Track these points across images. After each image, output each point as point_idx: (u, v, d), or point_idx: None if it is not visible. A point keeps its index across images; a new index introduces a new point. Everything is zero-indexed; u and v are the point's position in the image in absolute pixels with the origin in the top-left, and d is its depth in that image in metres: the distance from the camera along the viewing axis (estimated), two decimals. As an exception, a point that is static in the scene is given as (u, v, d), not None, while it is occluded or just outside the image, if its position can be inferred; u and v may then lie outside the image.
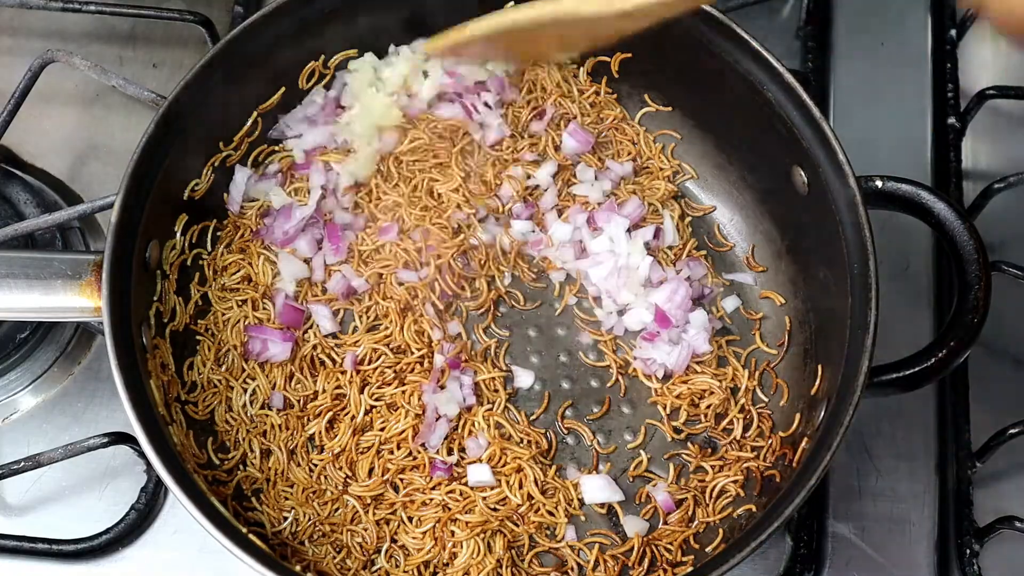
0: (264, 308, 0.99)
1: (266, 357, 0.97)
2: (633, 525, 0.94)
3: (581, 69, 1.07)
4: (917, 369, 0.87)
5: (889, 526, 1.00)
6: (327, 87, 1.04)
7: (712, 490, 0.95)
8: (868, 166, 0.90)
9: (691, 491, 0.95)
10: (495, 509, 0.93)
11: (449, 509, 0.93)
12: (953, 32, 1.18)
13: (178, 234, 0.97)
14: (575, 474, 0.97)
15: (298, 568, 0.84)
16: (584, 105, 1.07)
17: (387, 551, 0.93)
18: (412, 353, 0.98)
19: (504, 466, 0.95)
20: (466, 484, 0.94)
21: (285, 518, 0.93)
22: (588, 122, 1.07)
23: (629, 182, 1.07)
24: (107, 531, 0.98)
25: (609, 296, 1.02)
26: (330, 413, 0.96)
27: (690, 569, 0.86)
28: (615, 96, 1.08)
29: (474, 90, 1.04)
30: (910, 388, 0.88)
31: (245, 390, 0.97)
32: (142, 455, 0.98)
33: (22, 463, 0.97)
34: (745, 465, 0.95)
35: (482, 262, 1.02)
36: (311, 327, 0.99)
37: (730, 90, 0.96)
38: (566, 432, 0.99)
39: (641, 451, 0.98)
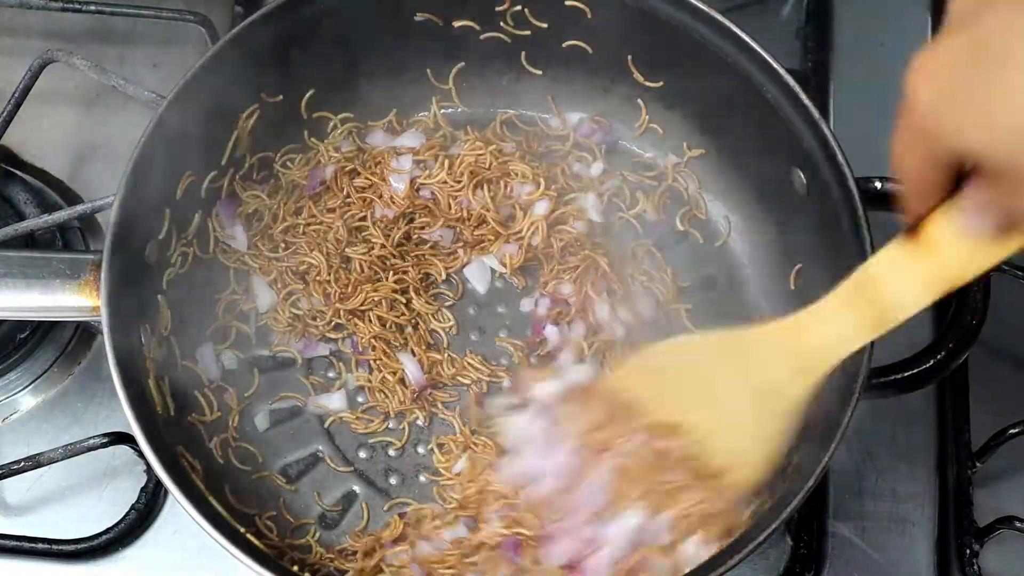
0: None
1: None
2: None
3: None
4: (916, 370, 0.87)
5: (889, 526, 1.00)
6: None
7: None
8: (868, 167, 0.89)
9: None
10: None
11: None
12: (953, 32, 1.17)
13: (173, 237, 0.96)
14: None
15: (295, 568, 0.84)
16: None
17: None
18: None
19: None
20: None
21: None
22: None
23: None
24: (107, 531, 0.98)
25: None
26: None
27: (689, 569, 0.86)
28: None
29: None
30: (909, 389, 0.88)
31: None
32: (142, 455, 0.98)
33: (22, 463, 0.97)
34: None
35: None
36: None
37: (728, 90, 0.96)
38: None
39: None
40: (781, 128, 0.93)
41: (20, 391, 1.05)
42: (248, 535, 0.83)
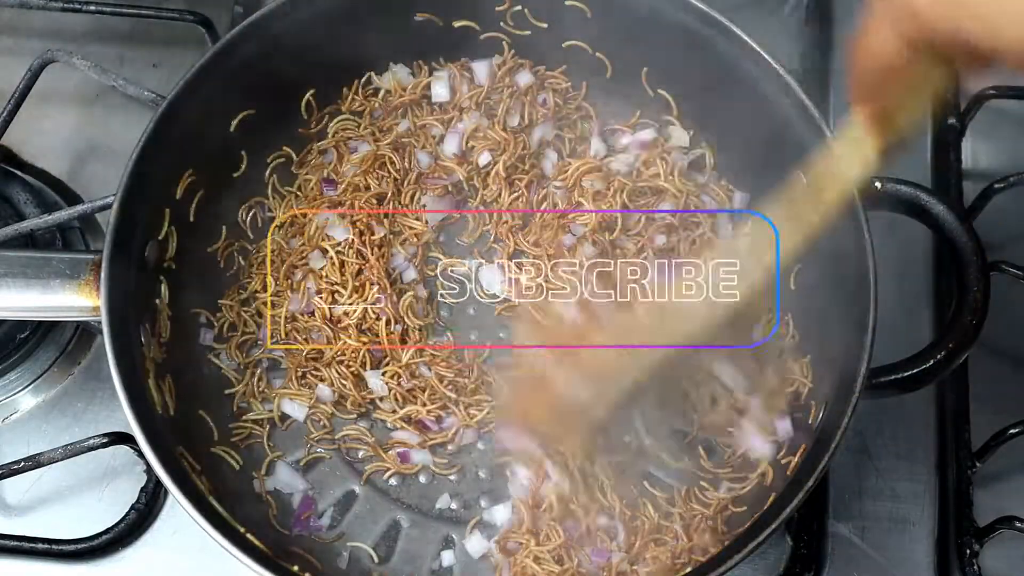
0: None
1: None
2: None
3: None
4: (916, 370, 0.87)
5: (889, 526, 1.00)
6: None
7: None
8: (867, 167, 0.90)
9: None
10: None
11: None
12: (953, 32, 1.17)
13: (173, 237, 0.97)
14: None
15: (295, 568, 0.84)
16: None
17: None
18: None
19: None
20: None
21: None
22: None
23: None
24: (107, 531, 0.98)
25: None
26: None
27: (689, 569, 0.86)
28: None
29: None
30: (909, 389, 0.88)
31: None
32: (142, 455, 0.98)
33: (22, 463, 0.97)
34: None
35: None
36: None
37: (728, 91, 0.96)
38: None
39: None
40: (781, 128, 0.93)
41: (20, 391, 1.05)
42: (248, 535, 0.83)
